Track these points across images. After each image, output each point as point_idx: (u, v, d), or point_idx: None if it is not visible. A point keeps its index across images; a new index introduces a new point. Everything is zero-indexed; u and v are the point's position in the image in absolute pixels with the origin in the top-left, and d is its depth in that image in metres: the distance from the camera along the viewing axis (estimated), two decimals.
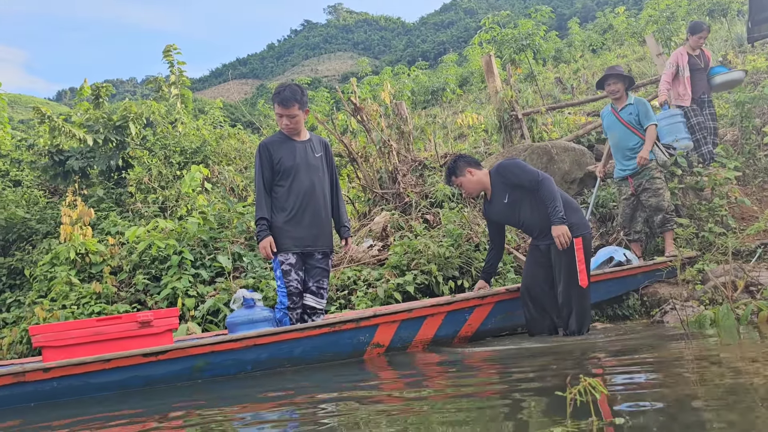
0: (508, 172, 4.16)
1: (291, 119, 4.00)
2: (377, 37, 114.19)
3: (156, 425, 2.54)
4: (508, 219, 4.32)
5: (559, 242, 3.95)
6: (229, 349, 3.55)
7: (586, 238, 4.06)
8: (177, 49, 11.37)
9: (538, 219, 4.13)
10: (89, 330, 3.50)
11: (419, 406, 2.47)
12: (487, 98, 14.20)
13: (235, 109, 27.88)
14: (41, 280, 6.51)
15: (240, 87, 78.45)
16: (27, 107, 47.61)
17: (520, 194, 4.15)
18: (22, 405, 3.26)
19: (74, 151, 9.02)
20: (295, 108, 3.98)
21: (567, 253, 4.00)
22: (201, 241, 6.26)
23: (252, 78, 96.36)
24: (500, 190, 4.21)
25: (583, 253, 4.02)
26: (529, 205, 4.15)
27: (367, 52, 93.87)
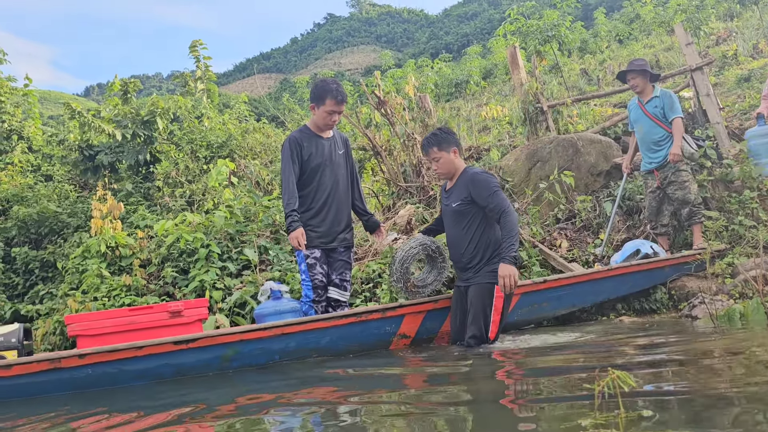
0: (479, 183, 3.76)
1: (339, 116, 4.10)
2: (400, 30, 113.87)
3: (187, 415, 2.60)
4: (447, 223, 4.01)
5: (503, 283, 3.55)
6: (257, 338, 3.61)
7: None
8: (203, 45, 11.49)
9: (473, 249, 3.78)
10: (122, 319, 3.60)
11: (442, 398, 2.49)
12: (512, 90, 14.10)
13: (259, 103, 28.09)
14: (73, 273, 6.66)
15: (264, 81, 78.91)
16: (56, 103, 48.47)
17: (471, 212, 3.79)
18: (59, 393, 3.35)
19: (103, 146, 9.18)
20: (344, 106, 4.07)
21: (485, 298, 3.66)
22: (228, 234, 6.35)
23: (275, 72, 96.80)
24: (459, 193, 3.85)
25: (502, 303, 3.67)
26: (473, 229, 3.78)
27: (390, 45, 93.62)
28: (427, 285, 4.12)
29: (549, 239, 6.01)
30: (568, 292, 4.51)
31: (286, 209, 3.98)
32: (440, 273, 4.14)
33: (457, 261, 3.91)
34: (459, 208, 3.84)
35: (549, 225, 6.25)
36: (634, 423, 1.61)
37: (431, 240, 4.13)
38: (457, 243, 3.85)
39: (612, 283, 4.67)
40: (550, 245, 5.90)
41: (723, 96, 8.83)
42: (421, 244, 4.06)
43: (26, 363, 3.27)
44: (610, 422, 1.61)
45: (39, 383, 3.32)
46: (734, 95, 8.95)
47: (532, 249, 5.62)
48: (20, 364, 3.26)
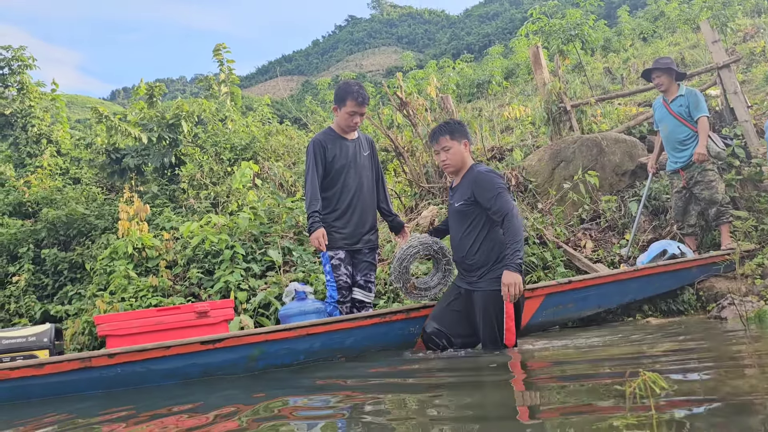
0: (483, 183, 3.53)
1: (361, 117, 4.10)
2: (421, 31, 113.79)
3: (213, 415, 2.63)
4: (451, 224, 3.85)
5: (505, 291, 3.35)
6: (282, 338, 3.63)
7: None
8: (226, 48, 11.62)
9: (476, 251, 3.58)
10: (150, 320, 3.65)
11: (471, 400, 2.49)
12: (534, 90, 14.01)
13: (281, 106, 28.27)
14: (101, 274, 6.77)
15: (286, 83, 79.39)
16: (83, 107, 49.28)
17: (475, 213, 3.59)
18: (89, 392, 3.41)
19: (130, 149, 9.33)
20: (366, 108, 4.08)
21: (494, 306, 3.47)
22: (252, 235, 6.40)
23: (297, 74, 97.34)
24: (463, 192, 3.66)
25: (513, 309, 3.48)
26: (477, 231, 3.59)
27: (411, 46, 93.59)
28: (430, 288, 4.02)
29: (573, 240, 5.96)
30: (594, 293, 4.47)
31: (308, 210, 4.01)
32: (445, 276, 4.04)
33: (460, 263, 3.73)
34: (462, 209, 3.65)
35: (573, 225, 6.21)
36: (668, 425, 1.59)
37: (434, 240, 4.00)
38: (461, 244, 3.66)
39: (638, 283, 4.62)
40: (575, 246, 5.86)
41: (751, 93, 8.67)
42: (421, 243, 3.96)
43: (58, 362, 3.33)
44: (642, 423, 1.59)
45: (70, 382, 3.38)
46: (762, 92, 8.79)
47: (557, 249, 5.58)
48: (52, 363, 3.32)
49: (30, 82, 11.63)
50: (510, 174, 6.92)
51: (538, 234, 5.71)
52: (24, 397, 3.33)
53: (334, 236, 4.00)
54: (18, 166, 11.29)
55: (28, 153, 11.22)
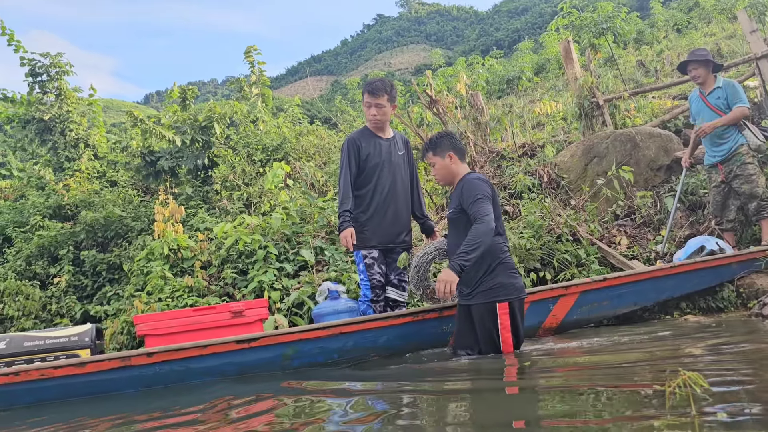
0: (467, 190, 3.49)
1: (379, 109, 4.09)
2: (450, 28, 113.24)
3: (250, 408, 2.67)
4: (448, 234, 3.81)
5: (438, 288, 3.31)
6: (316, 337, 3.66)
7: (513, 303, 3.45)
8: (257, 50, 11.73)
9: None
10: (187, 319, 3.72)
11: (508, 400, 2.48)
12: (565, 85, 13.84)
13: (311, 106, 28.45)
14: (138, 275, 6.91)
15: (315, 83, 79.85)
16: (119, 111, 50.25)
17: (464, 221, 3.53)
18: (129, 391, 3.49)
19: (164, 151, 9.49)
20: (384, 98, 4.08)
21: (488, 319, 3.44)
22: (284, 235, 6.46)
23: (326, 74, 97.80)
24: (454, 200, 3.65)
25: (509, 318, 3.43)
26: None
27: (439, 44, 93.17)
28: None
29: (608, 236, 5.88)
30: (629, 290, 4.40)
31: (339, 209, 4.04)
32: None
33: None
34: (452, 216, 3.66)
35: (607, 222, 6.12)
36: (709, 425, 1.56)
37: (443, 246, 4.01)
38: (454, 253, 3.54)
39: (675, 280, 4.53)
40: (609, 243, 5.78)
41: None
42: (436, 249, 3.97)
43: (99, 361, 3.42)
44: (683, 423, 1.57)
45: (111, 380, 3.47)
46: None
47: (590, 246, 5.51)
48: (93, 362, 3.41)
49: (67, 88, 11.91)
50: (542, 170, 6.86)
51: (571, 231, 5.65)
52: (67, 396, 3.42)
53: (367, 235, 4.02)
54: (57, 170, 11.58)
55: (67, 157, 11.50)
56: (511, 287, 3.45)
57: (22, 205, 10.71)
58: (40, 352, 3.57)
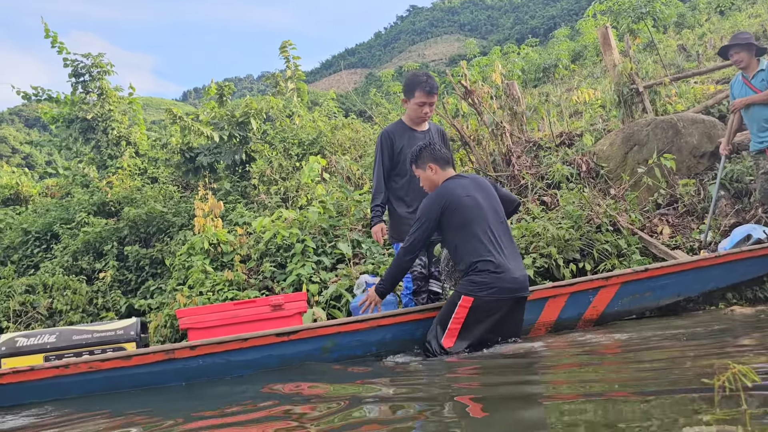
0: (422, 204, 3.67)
1: (431, 108, 4.10)
2: (484, 17, 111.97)
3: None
4: None
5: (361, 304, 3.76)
6: (354, 330, 3.69)
7: (477, 302, 3.41)
8: (292, 45, 11.81)
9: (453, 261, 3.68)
10: (228, 313, 3.79)
11: (549, 394, 2.46)
12: (604, 72, 13.57)
13: (346, 99, 28.54)
14: (179, 269, 7.05)
15: (350, 77, 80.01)
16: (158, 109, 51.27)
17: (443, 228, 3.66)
18: (173, 384, 3.57)
19: (203, 147, 9.64)
20: (436, 97, 4.09)
21: (449, 305, 3.52)
22: (321, 229, 6.51)
23: (361, 67, 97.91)
24: None
25: (466, 314, 3.42)
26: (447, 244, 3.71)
27: (474, 33, 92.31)
28: None
29: (649, 226, 5.76)
30: (672, 280, 4.30)
31: (371, 204, 4.06)
32: None
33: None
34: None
35: (649, 211, 5.99)
36: (760, 421, 1.51)
37: None
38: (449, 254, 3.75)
39: (720, 270, 4.41)
40: (651, 232, 5.66)
41: None
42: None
43: (144, 354, 3.51)
44: (734, 419, 1.53)
45: (155, 373, 3.55)
46: None
47: (631, 236, 5.41)
48: (138, 355, 3.50)
49: (109, 87, 12.19)
50: (580, 160, 6.75)
51: (611, 221, 5.55)
52: (113, 388, 3.52)
53: (406, 228, 4.02)
54: (100, 167, 11.88)
55: (109, 155, 11.79)
56: (484, 286, 3.42)
57: (68, 203, 11.04)
58: (88, 346, 3.68)
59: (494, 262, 3.44)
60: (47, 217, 10.56)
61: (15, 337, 3.69)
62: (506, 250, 3.54)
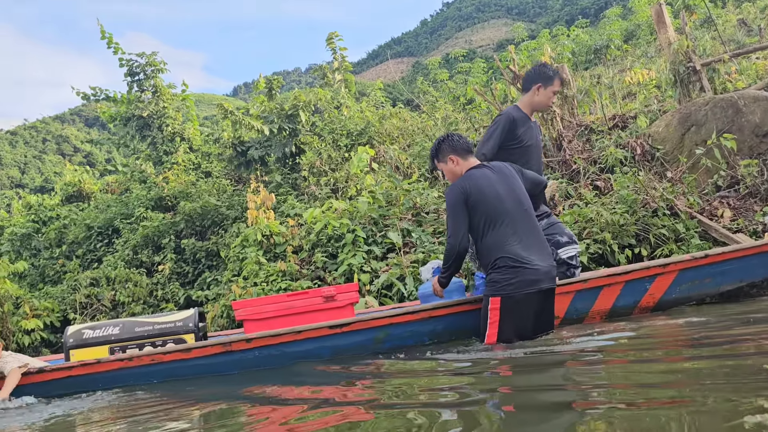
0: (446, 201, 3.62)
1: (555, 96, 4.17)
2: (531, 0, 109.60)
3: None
4: None
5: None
6: (406, 321, 3.71)
7: (506, 299, 3.39)
8: (339, 36, 11.86)
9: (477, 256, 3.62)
10: (282, 304, 3.87)
11: (600, 382, 2.42)
12: (658, 51, 13.11)
13: (393, 88, 28.48)
14: (234, 261, 7.23)
15: (396, 66, 79.76)
16: (210, 104, 52.34)
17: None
18: (229, 373, 3.68)
19: (253, 141, 9.82)
20: None
21: (482, 309, 3.52)
22: (371, 219, 6.55)
23: (407, 56, 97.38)
24: None
25: (498, 314, 3.42)
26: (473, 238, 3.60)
27: (521, 17, 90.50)
28: None
29: (709, 209, 5.56)
30: (734, 266, 4.14)
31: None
32: None
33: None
34: None
35: (708, 194, 5.79)
36: None
37: None
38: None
39: None
40: (711, 216, 5.46)
41: None
42: None
43: (203, 347, 3.63)
44: None
45: (213, 364, 3.68)
46: None
47: (690, 220, 5.24)
48: (198, 347, 3.62)
49: (162, 85, 12.53)
50: (634, 143, 6.56)
51: (668, 204, 5.39)
52: (173, 377, 3.66)
53: None
54: (156, 163, 12.26)
55: (165, 151, 12.14)
56: (506, 283, 3.38)
57: (127, 198, 11.44)
58: (150, 337, 3.82)
59: (513, 257, 3.38)
60: (108, 212, 10.98)
61: (82, 329, 3.87)
62: (528, 241, 3.46)
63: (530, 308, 3.43)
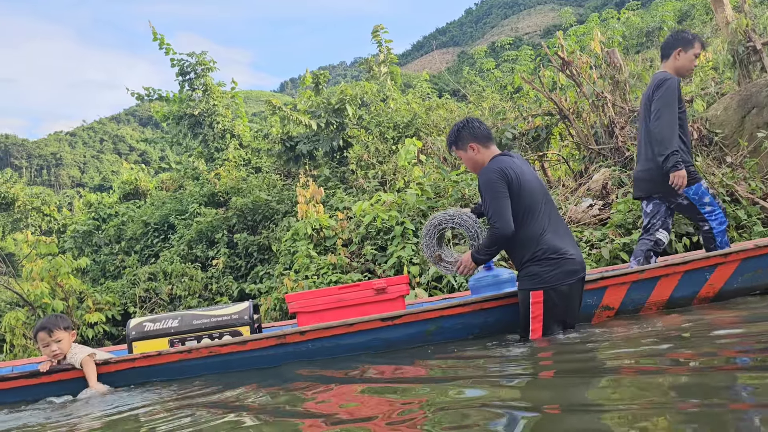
0: (481, 185, 3.39)
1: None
2: None
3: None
4: None
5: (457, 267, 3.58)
6: (457, 314, 3.70)
7: (549, 292, 3.27)
8: (384, 29, 11.85)
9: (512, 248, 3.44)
10: (333, 297, 3.91)
11: (657, 370, 2.36)
12: (714, 31, 12.62)
13: (438, 79, 28.32)
14: (285, 254, 7.34)
15: (442, 56, 79.18)
16: (257, 101, 53.15)
17: None
18: (283, 364, 3.75)
19: (302, 136, 9.93)
20: None
21: (523, 306, 3.38)
22: (420, 210, 6.55)
23: (452, 46, 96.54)
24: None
25: (542, 308, 3.30)
26: None
27: (569, 1, 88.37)
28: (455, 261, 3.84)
29: None
30: None
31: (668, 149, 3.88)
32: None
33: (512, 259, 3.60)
34: (479, 210, 3.78)
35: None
36: None
37: (462, 214, 3.82)
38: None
39: None
40: None
41: None
42: (445, 214, 3.85)
43: (258, 339, 3.71)
44: None
45: (267, 356, 3.75)
46: None
47: (752, 206, 5.04)
48: (253, 340, 3.70)
49: (212, 83, 12.80)
50: (691, 127, 6.35)
51: (728, 190, 5.20)
52: (230, 369, 3.75)
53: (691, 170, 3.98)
54: (208, 160, 12.55)
55: (216, 148, 12.41)
56: (547, 276, 3.27)
57: (181, 195, 11.76)
58: (207, 329, 3.92)
59: (552, 248, 3.30)
60: (163, 209, 11.30)
61: (143, 322, 4.00)
62: (561, 230, 3.40)
63: (573, 299, 3.38)
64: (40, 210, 14.90)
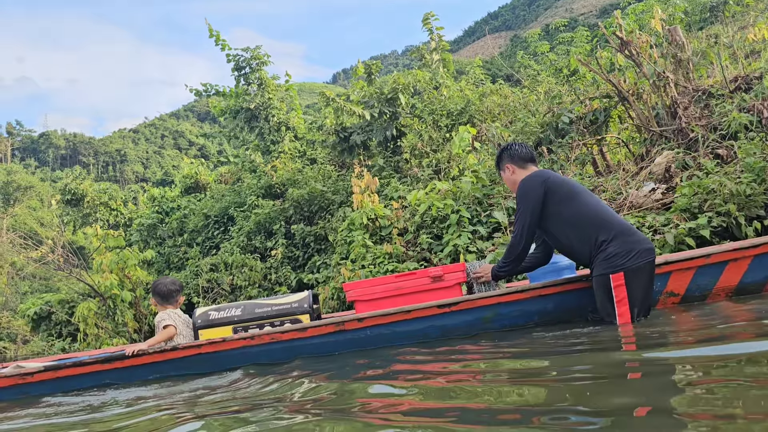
0: (517, 197, 3.54)
1: None
2: None
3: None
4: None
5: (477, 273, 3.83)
6: (515, 300, 3.67)
7: (630, 271, 3.22)
8: (435, 16, 11.77)
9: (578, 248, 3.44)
10: (391, 285, 3.94)
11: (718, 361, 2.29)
12: None
13: (491, 65, 27.92)
14: (341, 244, 7.42)
15: (494, 41, 77.95)
16: (311, 93, 53.72)
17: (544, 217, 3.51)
18: (342, 351, 3.82)
19: (355, 126, 9.99)
20: None
21: (603, 293, 3.32)
22: (475, 198, 6.50)
23: (505, 30, 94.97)
24: None
25: (626, 290, 3.25)
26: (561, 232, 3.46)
27: None
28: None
29: None
30: None
31: None
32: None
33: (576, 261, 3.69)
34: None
35: None
36: None
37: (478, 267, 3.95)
38: (562, 249, 3.61)
39: None
40: None
41: None
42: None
43: (317, 326, 3.78)
44: None
45: (327, 343, 3.82)
46: None
47: None
48: (313, 327, 3.78)
49: (267, 77, 13.01)
50: (761, 105, 6.06)
51: None
52: (291, 355, 3.84)
53: None
54: (264, 153, 12.78)
55: (272, 140, 12.63)
56: (626, 257, 3.24)
57: (240, 188, 12.04)
58: (269, 318, 4.03)
59: (619, 228, 3.30)
60: (223, 202, 11.61)
61: (208, 311, 4.14)
62: (621, 219, 3.40)
63: (652, 279, 3.33)
64: (108, 205, 15.55)
